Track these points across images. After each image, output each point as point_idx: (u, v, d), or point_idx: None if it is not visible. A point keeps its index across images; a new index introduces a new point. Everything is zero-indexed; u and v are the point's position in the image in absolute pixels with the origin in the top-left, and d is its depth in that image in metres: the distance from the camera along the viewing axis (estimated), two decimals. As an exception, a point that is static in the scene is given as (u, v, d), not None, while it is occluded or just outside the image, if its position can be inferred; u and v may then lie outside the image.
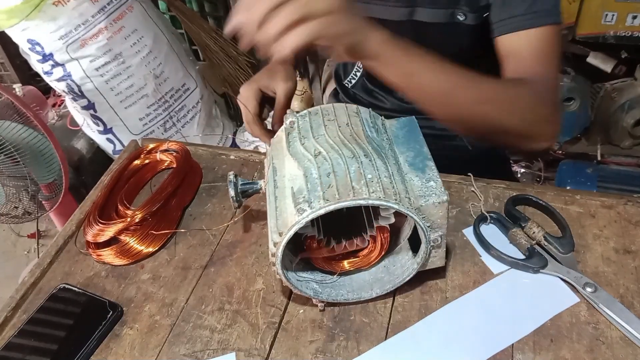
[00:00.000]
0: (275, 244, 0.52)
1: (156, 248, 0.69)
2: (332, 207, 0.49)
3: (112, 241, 0.70)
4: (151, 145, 0.82)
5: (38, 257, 0.77)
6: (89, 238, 0.69)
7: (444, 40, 0.80)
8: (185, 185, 0.76)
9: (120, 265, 0.68)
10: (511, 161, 1.79)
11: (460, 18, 0.79)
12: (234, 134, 1.93)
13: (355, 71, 1.01)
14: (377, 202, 0.50)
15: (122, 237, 0.70)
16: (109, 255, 0.68)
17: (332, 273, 0.61)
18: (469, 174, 0.74)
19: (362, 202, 0.50)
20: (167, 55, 1.70)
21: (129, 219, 0.69)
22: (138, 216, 0.68)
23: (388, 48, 0.61)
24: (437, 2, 0.79)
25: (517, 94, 0.69)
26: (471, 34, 0.80)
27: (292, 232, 0.51)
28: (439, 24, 0.80)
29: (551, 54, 0.72)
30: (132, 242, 0.68)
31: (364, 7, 0.88)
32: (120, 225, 0.68)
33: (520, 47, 0.72)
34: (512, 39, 0.72)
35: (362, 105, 0.64)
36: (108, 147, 1.73)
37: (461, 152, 0.98)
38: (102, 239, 0.68)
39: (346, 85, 1.04)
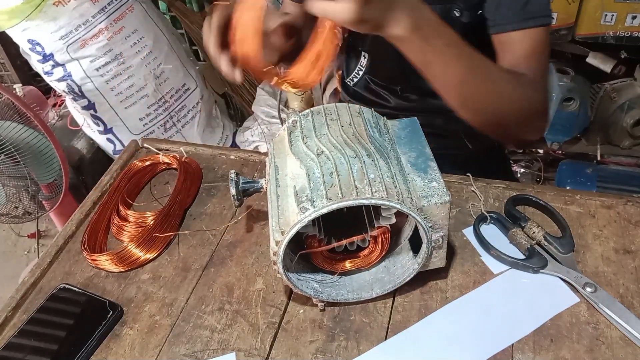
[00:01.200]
0: (277, 243, 0.52)
1: (155, 254, 0.68)
2: (335, 206, 0.50)
3: (112, 239, 0.69)
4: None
5: (38, 257, 0.77)
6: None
7: None
8: (186, 187, 0.76)
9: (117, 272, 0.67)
10: (511, 161, 1.79)
11: (456, 14, 0.81)
12: (234, 134, 1.93)
13: (357, 70, 1.01)
14: (379, 202, 0.50)
15: (122, 239, 0.70)
16: (105, 262, 0.67)
17: (332, 273, 0.61)
18: (469, 174, 0.74)
19: (365, 202, 0.50)
20: (168, 55, 1.70)
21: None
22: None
23: (411, 35, 0.62)
24: None
25: (519, 85, 0.73)
26: (465, 30, 0.81)
27: (294, 231, 0.51)
28: None
29: (541, 52, 0.77)
30: (132, 248, 0.67)
31: None
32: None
33: (513, 45, 0.76)
34: (505, 37, 0.77)
35: (364, 104, 0.64)
36: (108, 147, 1.73)
37: (461, 151, 0.98)
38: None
39: (348, 83, 1.04)
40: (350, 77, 1.03)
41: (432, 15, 0.63)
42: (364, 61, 1.00)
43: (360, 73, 1.01)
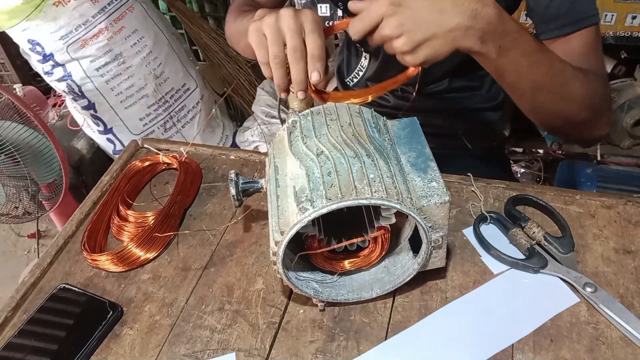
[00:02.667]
0: (276, 243, 0.52)
1: (155, 254, 0.68)
2: (334, 206, 0.50)
3: (112, 239, 0.69)
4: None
5: (38, 257, 0.77)
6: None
7: None
8: (186, 188, 0.76)
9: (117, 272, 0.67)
10: (511, 161, 1.80)
11: None
12: (234, 134, 1.93)
13: (358, 70, 1.01)
14: (379, 202, 0.50)
15: (122, 238, 0.70)
16: (105, 262, 0.67)
17: (332, 273, 0.61)
18: (469, 174, 0.74)
19: (365, 202, 0.50)
20: (168, 55, 1.70)
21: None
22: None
23: (491, 47, 0.61)
24: None
25: (588, 82, 0.71)
26: None
27: (294, 231, 0.51)
28: None
29: (596, 49, 0.76)
30: (132, 248, 0.67)
31: None
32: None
33: (567, 48, 0.75)
34: (558, 42, 0.75)
35: (364, 104, 0.64)
36: (108, 147, 1.73)
37: (461, 151, 0.98)
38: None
39: (348, 82, 1.04)
40: (350, 77, 1.03)
41: (511, 25, 0.61)
42: (364, 62, 1.00)
43: (361, 73, 1.01)
